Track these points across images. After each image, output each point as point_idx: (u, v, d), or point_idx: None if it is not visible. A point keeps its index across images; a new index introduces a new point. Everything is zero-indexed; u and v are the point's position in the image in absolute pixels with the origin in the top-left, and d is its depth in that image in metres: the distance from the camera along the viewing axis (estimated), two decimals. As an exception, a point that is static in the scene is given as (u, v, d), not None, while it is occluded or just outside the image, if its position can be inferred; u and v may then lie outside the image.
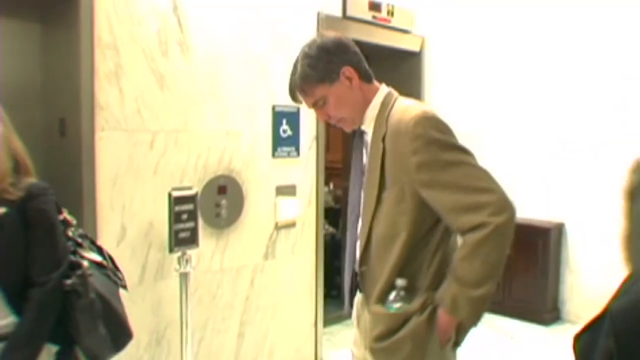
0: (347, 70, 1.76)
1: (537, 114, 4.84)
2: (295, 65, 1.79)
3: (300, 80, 1.75)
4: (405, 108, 1.73)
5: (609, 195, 4.18)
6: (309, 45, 1.77)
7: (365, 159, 1.82)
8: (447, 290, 1.65)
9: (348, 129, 1.85)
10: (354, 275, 1.88)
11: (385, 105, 1.78)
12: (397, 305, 1.71)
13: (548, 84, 4.77)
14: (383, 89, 1.84)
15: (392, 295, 1.72)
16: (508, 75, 4.97)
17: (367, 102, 1.80)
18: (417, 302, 1.70)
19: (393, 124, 1.71)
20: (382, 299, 1.74)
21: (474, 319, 1.67)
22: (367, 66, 1.82)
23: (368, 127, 1.80)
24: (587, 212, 4.62)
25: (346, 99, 1.77)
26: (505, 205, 1.60)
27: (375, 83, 1.84)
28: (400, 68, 4.67)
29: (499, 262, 1.62)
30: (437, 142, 1.64)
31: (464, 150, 1.66)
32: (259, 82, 3.31)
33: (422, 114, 1.66)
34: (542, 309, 4.68)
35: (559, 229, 4.76)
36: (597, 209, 4.49)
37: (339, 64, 1.75)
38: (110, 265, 1.95)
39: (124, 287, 1.96)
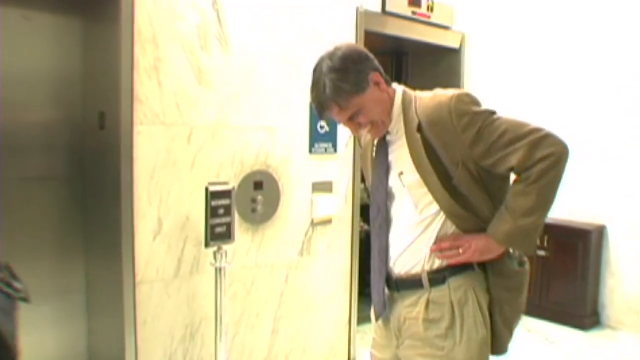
0: (375, 76, 1.78)
1: (583, 111, 4.72)
2: (318, 82, 1.75)
3: (334, 95, 1.72)
4: (432, 96, 1.79)
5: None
6: (330, 58, 1.74)
7: (391, 157, 1.86)
8: (503, 224, 1.75)
9: (379, 134, 1.86)
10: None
11: (408, 101, 1.83)
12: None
13: (590, 80, 4.66)
14: (399, 88, 1.88)
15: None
16: (549, 73, 4.86)
17: (392, 103, 1.84)
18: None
19: (426, 113, 1.75)
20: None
21: (532, 248, 1.81)
22: None
23: (393, 126, 1.84)
24: (630, 213, 4.46)
25: (377, 104, 1.79)
26: (557, 137, 1.73)
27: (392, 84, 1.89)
28: (439, 65, 4.60)
29: (556, 191, 1.75)
30: (480, 114, 1.73)
31: (495, 112, 1.78)
32: (296, 78, 3.27)
33: (458, 93, 1.74)
34: (581, 313, 4.55)
35: (600, 230, 4.63)
36: (640, 211, 4.30)
37: (367, 72, 1.76)
38: (5, 276, 1.66)
39: (24, 299, 1.67)
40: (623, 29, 4.47)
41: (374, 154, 1.95)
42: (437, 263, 1.83)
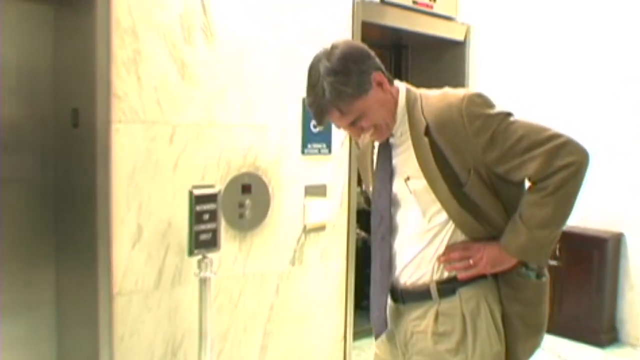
0: (378, 76, 1.79)
1: (598, 108, 4.79)
2: (315, 86, 1.74)
3: (336, 100, 1.72)
4: (440, 96, 1.80)
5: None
6: (328, 58, 1.73)
7: (395, 162, 1.87)
8: (516, 236, 1.78)
9: (383, 137, 1.88)
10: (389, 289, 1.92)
11: (413, 101, 1.83)
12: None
13: (606, 76, 4.73)
14: (402, 86, 1.88)
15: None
16: (560, 67, 4.93)
17: (396, 104, 1.84)
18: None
19: (435, 115, 1.76)
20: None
21: (545, 260, 1.86)
22: None
23: (397, 128, 1.85)
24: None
25: (381, 106, 1.80)
26: (578, 144, 1.74)
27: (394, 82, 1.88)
28: (443, 58, 4.65)
29: (575, 202, 1.77)
30: (494, 117, 1.74)
31: (512, 114, 1.78)
32: (288, 73, 3.29)
33: (469, 94, 1.75)
34: (598, 328, 4.58)
35: (617, 238, 4.66)
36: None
37: (369, 72, 1.77)
38: None
39: None
40: (637, 19, 4.55)
41: (374, 156, 1.96)
42: (447, 272, 1.86)
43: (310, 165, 3.48)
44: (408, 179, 1.83)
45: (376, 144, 1.95)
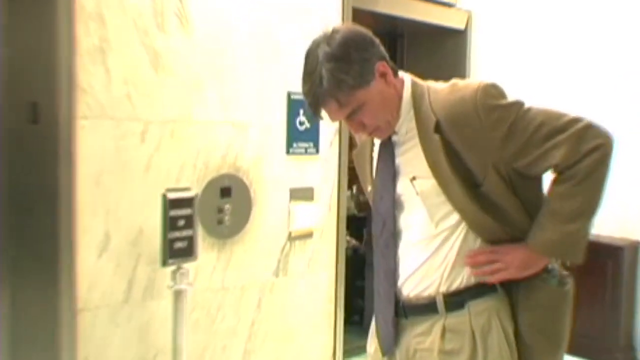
0: (382, 66, 1.77)
1: (609, 99, 4.74)
2: (312, 73, 1.72)
3: (334, 89, 1.71)
4: (450, 89, 1.80)
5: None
6: (328, 43, 1.72)
7: (398, 161, 1.87)
8: (545, 233, 1.77)
9: (384, 135, 1.87)
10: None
11: (420, 95, 1.83)
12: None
13: (616, 65, 4.72)
14: (407, 78, 1.88)
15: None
16: (567, 57, 4.90)
17: (400, 98, 1.84)
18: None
19: (446, 109, 1.75)
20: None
21: (580, 256, 1.83)
22: None
23: (401, 125, 1.85)
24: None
25: (384, 99, 1.79)
26: (601, 126, 1.75)
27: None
28: (442, 48, 4.63)
29: (604, 189, 1.76)
30: (510, 107, 1.74)
31: (524, 103, 1.78)
32: (273, 64, 3.28)
33: (483, 85, 1.74)
34: (613, 346, 4.55)
35: (634, 247, 4.64)
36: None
37: (373, 61, 1.76)
38: None
39: None
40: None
41: (374, 154, 1.96)
42: (456, 284, 1.84)
43: (296, 166, 3.46)
44: (414, 178, 1.83)
45: (376, 141, 1.95)
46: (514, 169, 1.77)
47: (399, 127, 1.85)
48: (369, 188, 2.03)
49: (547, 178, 1.83)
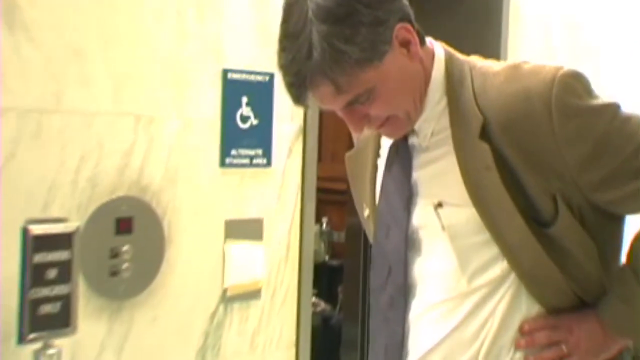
0: (404, 30, 1.54)
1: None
2: (297, 37, 1.46)
3: (330, 65, 1.45)
4: (509, 73, 1.58)
5: None
6: None
7: (417, 175, 1.67)
8: (630, 306, 1.62)
9: (400, 133, 1.66)
10: None
11: (459, 78, 1.62)
12: None
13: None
14: (439, 49, 1.68)
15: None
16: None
17: (427, 79, 1.64)
18: None
19: (500, 105, 1.53)
20: None
21: None
22: None
23: (426, 121, 1.66)
24: None
25: (403, 80, 1.58)
26: None
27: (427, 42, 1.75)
28: (463, 8, 4.12)
29: None
30: (600, 113, 1.55)
31: (619, 105, 1.64)
32: (196, 27, 2.84)
33: (563, 75, 1.51)
34: None
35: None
36: None
37: (391, 22, 1.51)
38: None
39: None
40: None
41: (379, 160, 1.82)
42: None
43: (235, 185, 2.97)
44: (440, 205, 1.61)
45: (385, 142, 1.77)
46: (590, 201, 1.61)
47: (420, 124, 1.65)
48: (366, 213, 1.86)
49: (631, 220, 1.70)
